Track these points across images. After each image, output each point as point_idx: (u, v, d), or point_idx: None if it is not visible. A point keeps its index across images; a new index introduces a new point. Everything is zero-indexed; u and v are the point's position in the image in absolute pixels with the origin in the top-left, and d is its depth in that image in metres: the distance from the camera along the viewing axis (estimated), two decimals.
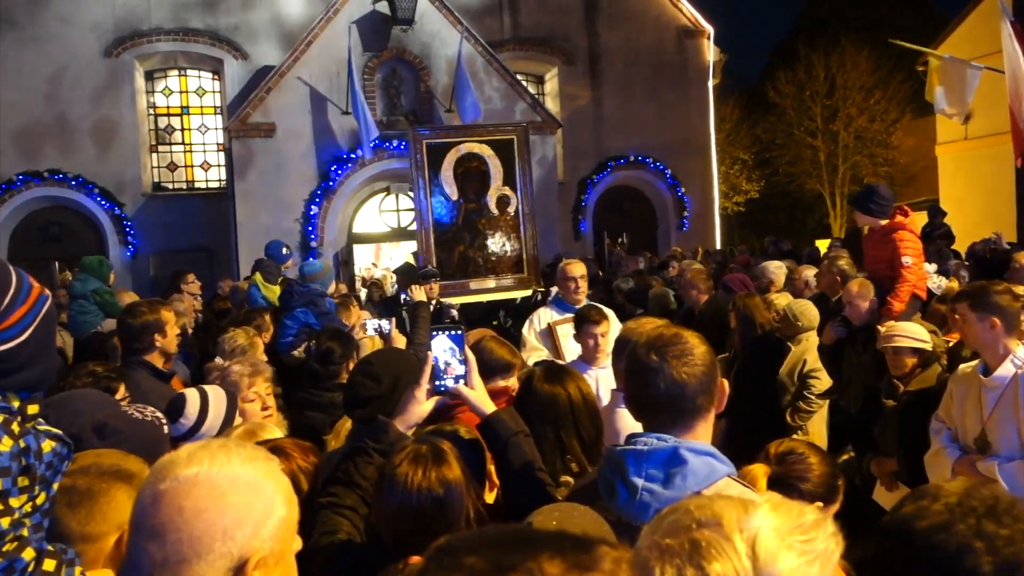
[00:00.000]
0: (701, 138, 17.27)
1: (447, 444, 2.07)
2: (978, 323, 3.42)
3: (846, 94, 25.97)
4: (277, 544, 1.29)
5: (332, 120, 13.55)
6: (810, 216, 29.47)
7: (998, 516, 1.38)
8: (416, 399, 2.24)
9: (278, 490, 1.32)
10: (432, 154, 8.69)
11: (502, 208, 8.90)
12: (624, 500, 1.80)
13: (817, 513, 1.09)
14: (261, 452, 1.36)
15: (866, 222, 5.99)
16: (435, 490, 1.94)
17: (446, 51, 13.89)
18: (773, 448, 2.50)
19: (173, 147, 15.92)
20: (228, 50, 15.29)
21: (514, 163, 8.88)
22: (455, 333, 2.27)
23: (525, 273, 8.90)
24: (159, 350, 4.17)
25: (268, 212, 13.25)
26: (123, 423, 2.38)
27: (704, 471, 1.77)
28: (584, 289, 5.62)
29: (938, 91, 9.11)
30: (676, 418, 1.86)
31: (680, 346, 1.86)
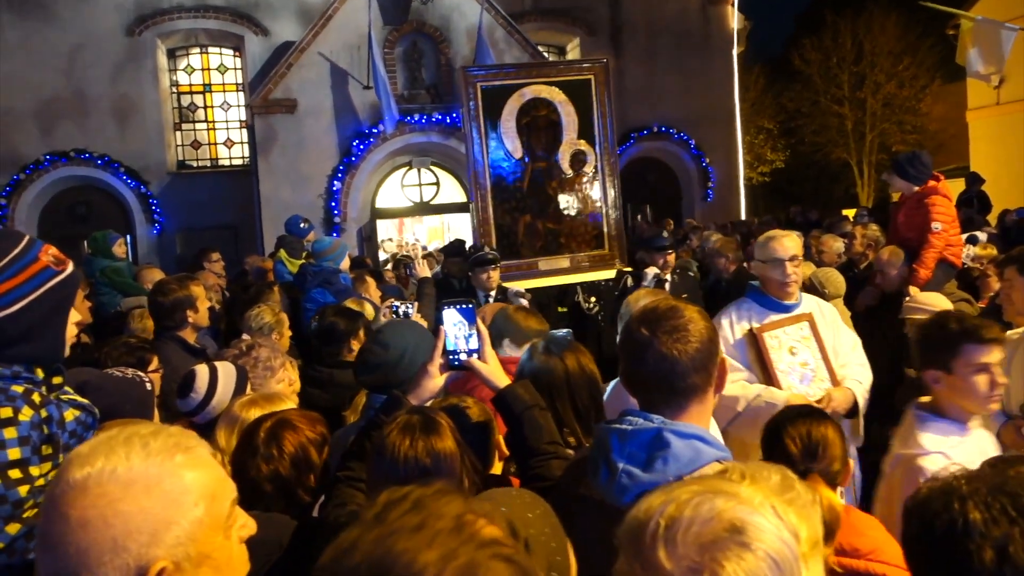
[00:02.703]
0: (725, 108, 17.03)
1: (443, 415, 2.03)
2: None
3: (874, 60, 25.47)
4: (193, 547, 1.19)
5: (353, 95, 13.51)
6: (836, 185, 29.06)
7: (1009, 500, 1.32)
8: (429, 374, 2.23)
9: (191, 488, 1.22)
10: (489, 100, 6.86)
11: (577, 167, 7.05)
12: (604, 480, 1.73)
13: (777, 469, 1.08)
14: (174, 443, 1.24)
15: (901, 188, 5.91)
16: (422, 460, 1.90)
17: (466, 23, 13.78)
18: (793, 446, 2.25)
19: (196, 125, 15.97)
20: (248, 26, 15.26)
21: (592, 110, 7.04)
22: (466, 307, 2.25)
23: (606, 249, 7.03)
24: (191, 325, 4.20)
25: (291, 188, 13.28)
26: (103, 380, 2.40)
27: (688, 455, 1.67)
28: (800, 276, 3.95)
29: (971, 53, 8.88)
30: (668, 397, 1.76)
31: (673, 321, 1.76)
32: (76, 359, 3.65)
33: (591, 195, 7.05)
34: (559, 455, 2.18)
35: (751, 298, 3.94)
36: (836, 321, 3.98)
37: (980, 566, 1.27)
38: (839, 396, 3.65)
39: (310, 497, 2.31)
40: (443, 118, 13.77)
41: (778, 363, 3.71)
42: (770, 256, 3.85)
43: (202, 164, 15.96)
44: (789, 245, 3.85)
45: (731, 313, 3.90)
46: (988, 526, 1.29)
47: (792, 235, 3.98)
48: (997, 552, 1.27)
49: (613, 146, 7.16)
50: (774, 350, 3.74)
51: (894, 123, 25.85)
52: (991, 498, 1.32)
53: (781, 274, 3.80)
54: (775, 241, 3.89)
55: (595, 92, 7.07)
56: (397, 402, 2.18)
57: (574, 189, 7.04)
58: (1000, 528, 1.29)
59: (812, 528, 1.01)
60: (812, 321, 3.83)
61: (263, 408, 2.58)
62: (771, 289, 3.87)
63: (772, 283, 3.85)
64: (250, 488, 2.20)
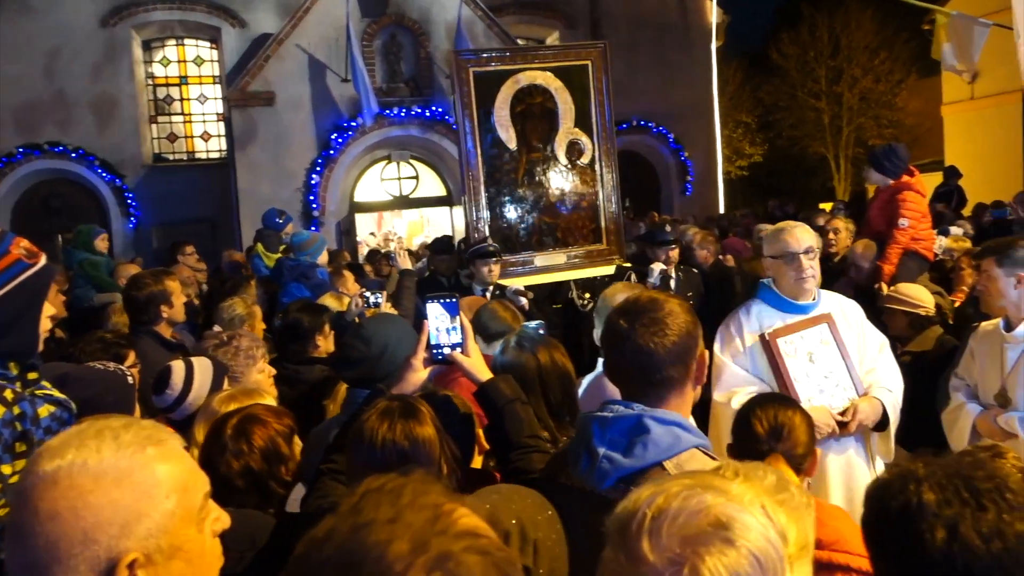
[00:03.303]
0: (704, 102, 17.09)
1: (423, 403, 2.04)
2: (1004, 278, 3.40)
3: (850, 55, 25.63)
4: (164, 539, 1.19)
5: (332, 88, 13.43)
6: (814, 179, 29.27)
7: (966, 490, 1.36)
8: (412, 367, 2.23)
9: (163, 480, 1.21)
10: (482, 86, 6.46)
11: (574, 158, 6.68)
12: (585, 467, 1.76)
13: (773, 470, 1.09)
14: (146, 436, 1.24)
15: (876, 181, 5.97)
16: (400, 444, 1.91)
17: (445, 16, 13.73)
18: (759, 426, 2.30)
19: (173, 118, 15.82)
20: (225, 18, 15.12)
21: (589, 97, 6.68)
22: (449, 300, 2.27)
23: (604, 243, 6.67)
24: (166, 320, 4.17)
25: (269, 182, 13.19)
26: (84, 372, 2.39)
27: (667, 441, 1.71)
28: (817, 272, 3.49)
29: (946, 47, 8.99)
30: (646, 388, 1.79)
31: (653, 314, 1.78)
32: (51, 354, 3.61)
33: (589, 187, 6.72)
34: (540, 448, 2.20)
35: (762, 299, 3.51)
36: (861, 321, 3.55)
37: (932, 545, 1.31)
38: (865, 408, 3.28)
39: (284, 490, 2.31)
40: (422, 111, 13.72)
41: (795, 372, 3.32)
42: (782, 250, 3.40)
43: (178, 157, 15.81)
44: (803, 237, 3.41)
45: (740, 317, 3.50)
46: (940, 507, 1.33)
47: (804, 226, 3.55)
48: (948, 531, 1.31)
49: (611, 135, 6.80)
50: (790, 357, 3.33)
51: (870, 117, 26.05)
52: (945, 480, 1.37)
53: (796, 270, 3.37)
54: (786, 233, 3.45)
55: (592, 78, 6.70)
56: (381, 396, 2.18)
57: (571, 181, 6.72)
58: (952, 509, 1.33)
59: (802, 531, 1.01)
60: (832, 323, 3.42)
61: (242, 403, 2.57)
62: (785, 288, 3.44)
63: (786, 281, 3.42)
64: (221, 484, 2.20)
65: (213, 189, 14.96)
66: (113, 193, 14.60)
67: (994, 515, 1.31)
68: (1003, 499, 1.33)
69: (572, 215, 6.68)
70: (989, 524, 1.31)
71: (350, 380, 2.81)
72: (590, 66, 6.73)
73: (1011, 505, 1.32)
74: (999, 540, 1.30)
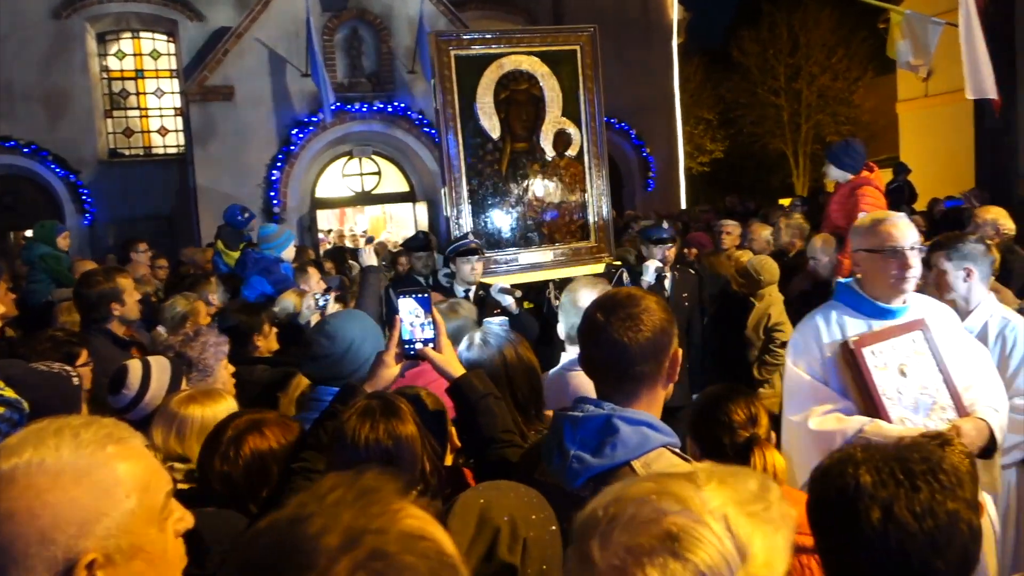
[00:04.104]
0: (666, 98, 17.23)
1: (402, 400, 2.04)
2: (953, 272, 3.48)
3: (809, 52, 26.03)
4: (125, 539, 1.17)
5: (292, 83, 13.29)
6: (774, 175, 29.68)
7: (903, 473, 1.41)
8: (385, 363, 2.22)
9: (123, 479, 1.19)
10: (463, 70, 6.00)
11: (562, 149, 6.26)
12: (557, 465, 1.79)
13: (758, 477, 1.07)
14: (106, 434, 1.23)
15: (836, 176, 6.05)
16: (383, 443, 1.90)
17: (408, 11, 13.65)
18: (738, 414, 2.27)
19: (128, 112, 15.51)
20: (182, 11, 14.86)
21: (578, 85, 6.29)
22: (422, 296, 2.25)
23: (593, 240, 6.29)
24: (118, 318, 4.09)
25: (229, 177, 13.01)
26: (27, 374, 2.33)
27: (635, 440, 1.73)
28: (919, 272, 3.01)
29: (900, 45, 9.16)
30: (618, 383, 1.82)
31: (629, 309, 1.80)
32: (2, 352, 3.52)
33: (577, 180, 6.28)
34: (515, 443, 2.20)
35: (843, 301, 3.05)
36: (955, 327, 3.12)
37: (868, 525, 1.36)
38: (970, 430, 2.80)
39: (259, 510, 2.25)
40: (384, 107, 13.63)
41: (884, 387, 2.86)
42: (881, 243, 2.92)
43: (135, 152, 15.51)
44: (908, 230, 2.97)
45: (816, 322, 3.02)
46: (876, 488, 1.38)
47: (904, 216, 3.11)
48: (883, 511, 1.36)
49: (601, 125, 6.39)
50: (878, 370, 2.87)
51: (828, 114, 26.47)
52: (882, 463, 1.42)
53: (899, 268, 2.90)
54: (889, 224, 2.97)
55: (581, 64, 6.30)
56: (353, 391, 2.17)
57: (558, 174, 6.25)
58: (887, 490, 1.37)
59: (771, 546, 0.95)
60: (927, 329, 2.97)
61: (202, 404, 2.52)
62: (877, 288, 2.97)
63: (882, 279, 2.94)
64: (207, 485, 2.16)
65: (171, 185, 14.71)
66: (67, 189, 14.28)
67: (927, 495, 1.37)
68: (936, 480, 1.38)
69: (559, 210, 6.28)
70: (922, 503, 1.36)
71: (315, 377, 2.80)
72: (579, 51, 6.35)
73: (943, 485, 1.37)
74: (931, 518, 1.35)
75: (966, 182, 12.48)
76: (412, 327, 2.23)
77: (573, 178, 6.24)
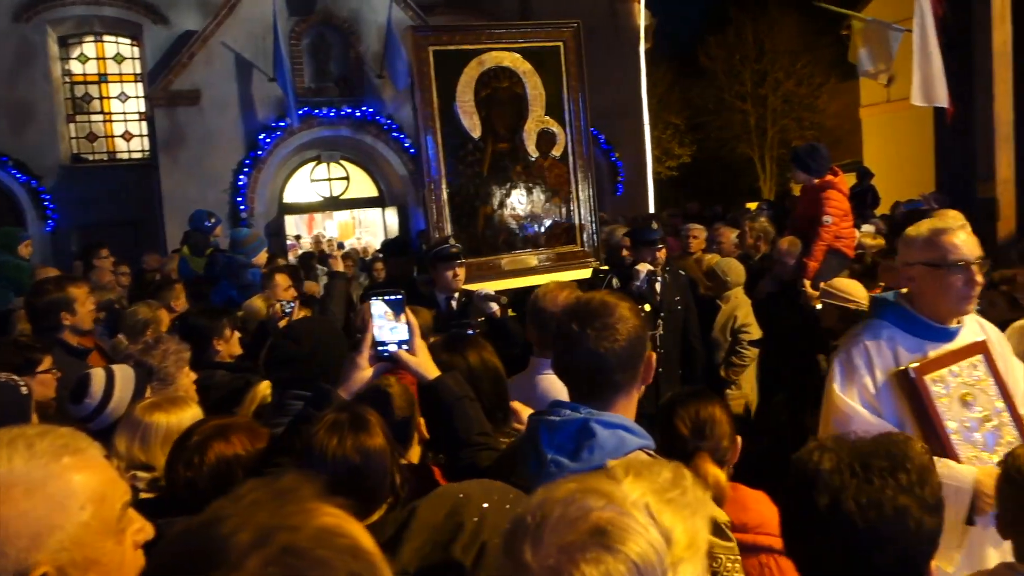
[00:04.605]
0: (634, 103, 17.31)
1: (372, 412, 2.02)
2: None
3: (774, 58, 26.37)
4: (79, 552, 1.16)
5: (259, 87, 13.18)
6: (741, 179, 30.01)
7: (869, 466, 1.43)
8: (358, 365, 2.19)
9: (78, 490, 1.18)
10: (442, 67, 5.74)
11: (545, 150, 6.04)
12: (534, 470, 1.79)
13: (669, 465, 1.10)
14: (62, 444, 1.21)
15: (803, 180, 6.14)
16: (351, 458, 1.88)
17: (376, 16, 13.61)
18: (683, 426, 2.31)
19: (92, 117, 15.28)
20: (146, 14, 14.66)
21: (561, 83, 6.07)
22: (394, 297, 2.22)
23: (579, 245, 6.07)
24: (69, 328, 4.04)
25: (195, 183, 12.86)
26: None
27: (612, 443, 1.75)
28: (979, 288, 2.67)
29: (861, 52, 9.32)
30: (594, 390, 1.83)
31: (604, 319, 1.81)
32: None
33: (561, 182, 6.03)
34: (491, 446, 2.20)
35: (891, 321, 2.69)
36: (1005, 347, 2.83)
37: (817, 510, 1.39)
38: None
39: None
40: (352, 112, 13.58)
41: (948, 419, 2.54)
42: (945, 257, 2.57)
43: (99, 158, 15.27)
44: (971, 240, 2.64)
45: (864, 344, 2.67)
46: (831, 475, 1.41)
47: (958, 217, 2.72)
48: (831, 499, 1.39)
49: (586, 125, 6.21)
50: (941, 400, 2.53)
51: (794, 119, 26.83)
52: (846, 454, 1.44)
53: (966, 284, 2.58)
54: (951, 235, 2.61)
55: (565, 61, 6.09)
56: (326, 395, 2.15)
57: (542, 176, 6.00)
58: (841, 478, 1.40)
59: (690, 530, 0.99)
60: (989, 353, 2.66)
61: (167, 411, 2.49)
62: (937, 306, 2.63)
63: (945, 298, 2.60)
64: (173, 492, 2.14)
65: (136, 191, 14.50)
66: (29, 195, 14.01)
67: (877, 488, 1.38)
68: (892, 476, 1.39)
69: (543, 213, 6.04)
70: (869, 495, 1.37)
71: (281, 380, 2.78)
72: (562, 47, 6.13)
73: (899, 482, 1.38)
74: (875, 511, 1.36)
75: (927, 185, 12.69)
76: (384, 329, 2.19)
77: (557, 180, 6.03)
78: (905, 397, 2.56)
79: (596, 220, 6.18)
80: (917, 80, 7.15)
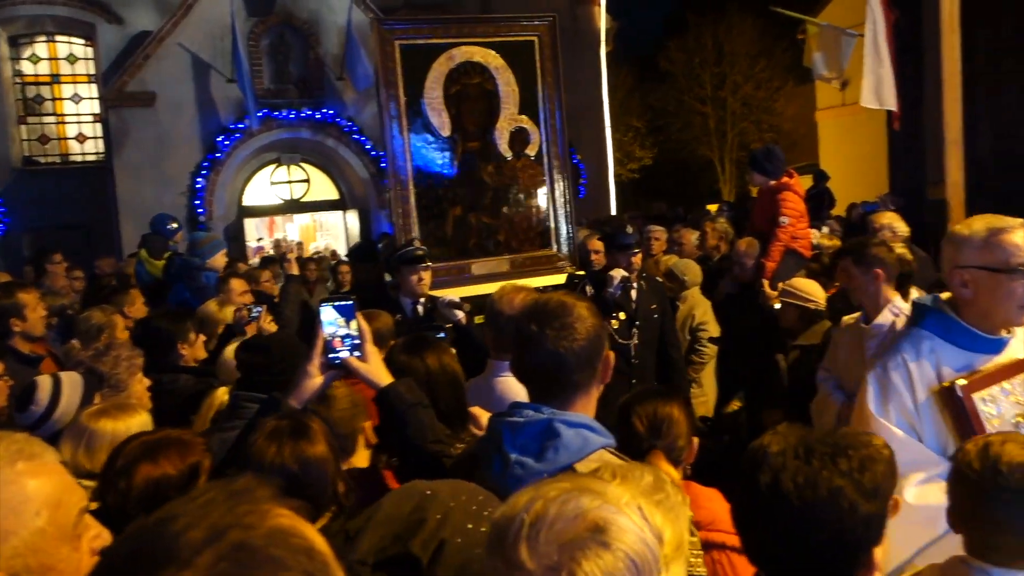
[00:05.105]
0: (595, 106, 17.42)
1: (316, 420, 2.00)
2: (862, 276, 3.61)
3: (733, 61, 26.70)
4: (33, 558, 1.16)
5: (217, 89, 13.01)
6: (702, 181, 30.33)
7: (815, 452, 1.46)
8: (308, 374, 2.13)
9: (32, 496, 1.17)
10: (410, 62, 5.48)
11: (519, 149, 5.78)
12: (498, 472, 1.78)
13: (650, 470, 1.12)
14: (16, 450, 1.20)
15: (760, 182, 6.23)
16: (289, 466, 1.85)
17: (335, 17, 13.51)
18: (639, 424, 2.33)
19: (44, 118, 14.95)
20: (100, 14, 14.38)
21: (536, 79, 5.81)
22: (344, 303, 2.18)
23: (554, 249, 5.86)
24: (19, 335, 3.96)
25: (151, 186, 12.65)
26: None
27: (577, 444, 1.74)
28: None
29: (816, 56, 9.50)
30: (555, 390, 1.83)
31: (562, 319, 1.81)
32: None
33: (535, 183, 5.77)
34: (447, 453, 2.17)
35: (932, 329, 2.40)
36: None
37: (758, 488, 1.43)
38: None
39: None
40: (312, 114, 13.47)
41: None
42: (1008, 261, 2.27)
43: (51, 160, 14.97)
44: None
45: (902, 357, 2.38)
46: (775, 456, 1.44)
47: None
48: (772, 477, 1.42)
49: (562, 124, 5.95)
50: (992, 421, 2.25)
51: (752, 122, 27.18)
52: (794, 439, 1.47)
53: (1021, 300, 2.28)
54: (1014, 235, 2.29)
55: (539, 57, 5.83)
56: (276, 404, 2.12)
57: (515, 176, 5.74)
58: (783, 459, 1.43)
59: (677, 530, 1.04)
60: None
61: (114, 418, 2.43)
62: (993, 315, 2.34)
63: (1005, 306, 2.31)
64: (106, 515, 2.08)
65: (89, 194, 14.20)
66: None
67: (815, 469, 1.40)
68: (832, 460, 1.42)
69: (516, 216, 5.75)
70: (806, 475, 1.40)
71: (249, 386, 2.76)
72: (537, 42, 5.84)
73: (838, 466, 1.41)
74: (811, 491, 1.39)
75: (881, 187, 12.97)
76: (335, 336, 2.15)
77: (531, 180, 5.77)
78: (950, 417, 2.27)
79: (572, 223, 5.95)
80: (869, 82, 7.30)
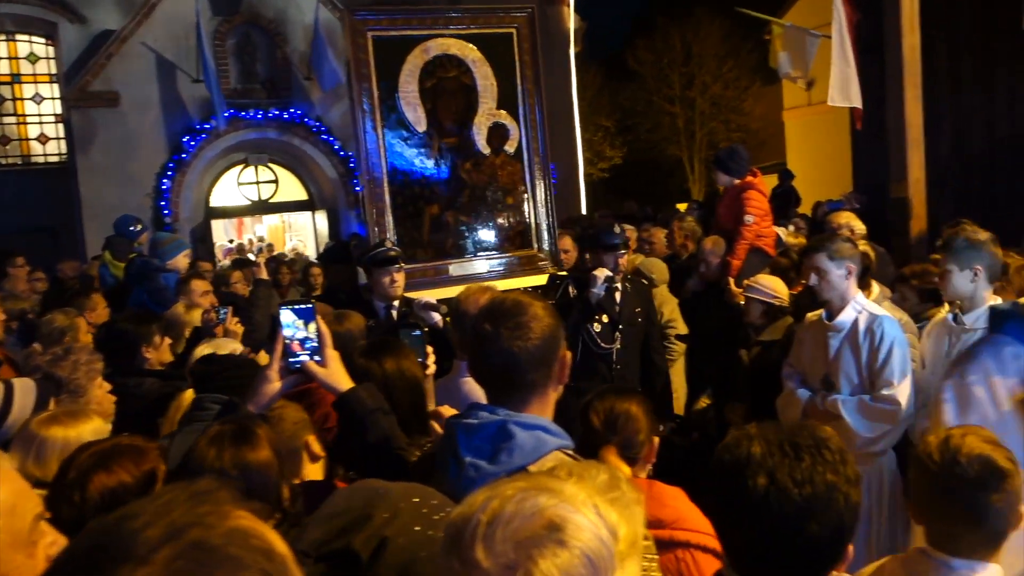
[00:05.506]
0: (564, 105, 17.43)
1: (261, 425, 1.97)
2: (835, 271, 3.65)
3: (701, 62, 26.91)
4: None
5: (182, 89, 12.85)
6: (671, 180, 30.52)
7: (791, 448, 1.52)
8: (267, 378, 2.11)
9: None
10: (383, 55, 5.26)
11: (497, 145, 5.58)
12: (452, 474, 1.77)
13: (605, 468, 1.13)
14: None
15: (725, 182, 6.30)
16: (228, 472, 1.83)
17: (302, 17, 13.40)
18: (596, 419, 2.35)
19: (4, 119, 14.66)
20: (62, 13, 14.10)
21: (515, 73, 5.61)
22: (303, 307, 2.16)
23: (535, 249, 5.68)
24: None
25: (115, 187, 12.45)
26: None
27: (531, 445, 1.73)
28: None
29: (781, 56, 9.61)
30: (510, 391, 1.82)
31: (517, 318, 1.80)
32: None
33: (515, 181, 5.57)
34: (407, 460, 2.15)
35: (1015, 335, 2.33)
36: None
37: (753, 491, 1.49)
38: None
39: None
40: (280, 114, 13.35)
41: None
42: None
43: (12, 161, 14.68)
44: None
45: (984, 364, 2.32)
46: (764, 457, 1.51)
47: None
48: (768, 477, 1.48)
49: (543, 119, 5.75)
50: None
51: (721, 121, 27.41)
52: (773, 437, 1.54)
53: None
54: None
55: (518, 49, 5.63)
56: (234, 409, 2.08)
57: (493, 173, 5.56)
58: (774, 458, 1.50)
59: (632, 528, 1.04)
60: None
61: (65, 425, 2.36)
62: None
63: None
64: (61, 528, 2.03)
65: (52, 196, 13.94)
66: None
67: (808, 465, 1.49)
68: (819, 454, 1.51)
69: (495, 215, 5.55)
70: (802, 471, 1.49)
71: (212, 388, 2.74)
72: (515, 34, 5.63)
73: (826, 460, 1.51)
74: (809, 486, 1.47)
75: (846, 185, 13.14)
76: (294, 340, 2.11)
77: (511, 178, 5.60)
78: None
79: (553, 222, 5.77)
80: (836, 81, 7.42)
